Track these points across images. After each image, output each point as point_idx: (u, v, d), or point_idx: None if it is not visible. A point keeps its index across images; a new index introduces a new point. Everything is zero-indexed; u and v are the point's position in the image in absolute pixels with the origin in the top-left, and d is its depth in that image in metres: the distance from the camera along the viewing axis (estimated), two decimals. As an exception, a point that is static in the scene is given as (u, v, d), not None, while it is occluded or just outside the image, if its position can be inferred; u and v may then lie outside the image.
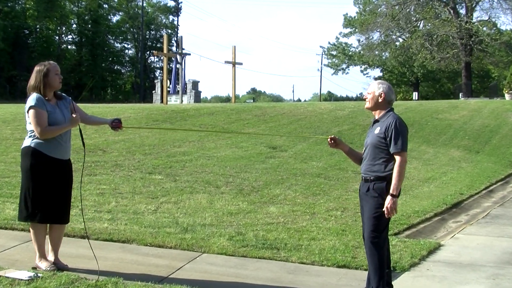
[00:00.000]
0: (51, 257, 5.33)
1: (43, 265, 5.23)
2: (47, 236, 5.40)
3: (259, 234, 6.92)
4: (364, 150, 4.96)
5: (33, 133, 5.19)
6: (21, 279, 4.82)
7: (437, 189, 11.46)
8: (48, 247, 5.37)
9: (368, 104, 4.94)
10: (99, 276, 5.04)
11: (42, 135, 5.13)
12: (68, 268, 5.24)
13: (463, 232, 8.20)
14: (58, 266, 5.25)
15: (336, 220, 7.95)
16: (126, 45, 72.73)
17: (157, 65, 74.38)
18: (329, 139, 5.11)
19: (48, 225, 5.34)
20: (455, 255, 6.75)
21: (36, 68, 5.26)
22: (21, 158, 5.30)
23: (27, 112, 5.21)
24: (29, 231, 6.41)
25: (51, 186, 5.16)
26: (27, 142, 5.23)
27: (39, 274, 4.96)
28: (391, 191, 4.64)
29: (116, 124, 5.48)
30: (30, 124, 5.19)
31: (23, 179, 5.25)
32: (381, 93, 4.86)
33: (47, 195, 5.15)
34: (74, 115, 5.26)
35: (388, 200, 4.63)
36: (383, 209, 4.70)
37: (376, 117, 4.90)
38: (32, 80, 5.25)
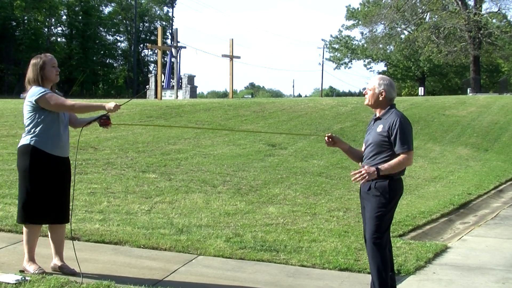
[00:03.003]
0: (57, 261, 5.21)
1: (31, 268, 5.10)
2: (40, 240, 5.30)
3: (257, 235, 6.81)
4: (365, 148, 4.83)
5: (31, 130, 5.05)
6: (8, 283, 4.70)
7: (444, 189, 11.40)
8: (51, 251, 5.24)
9: (367, 101, 4.83)
10: (85, 278, 4.94)
11: (73, 108, 5.06)
12: (76, 273, 5.09)
13: (471, 233, 8.11)
14: (65, 271, 5.13)
15: (338, 221, 7.86)
16: (118, 38, 72.85)
17: (151, 59, 74.57)
18: (326, 138, 4.95)
19: (45, 226, 5.26)
20: (463, 258, 6.65)
21: (32, 61, 5.19)
22: (19, 157, 5.15)
23: (35, 102, 5.01)
24: (16, 232, 6.35)
25: (52, 184, 5.07)
26: (26, 140, 5.08)
27: (27, 278, 4.83)
28: (380, 166, 4.50)
29: (104, 121, 5.21)
30: (28, 119, 5.06)
31: (21, 179, 5.11)
32: (382, 91, 4.74)
33: (48, 195, 5.05)
34: (112, 104, 5.07)
35: (371, 169, 4.47)
36: (382, 210, 4.59)
37: (378, 115, 4.78)
38: (30, 74, 5.16)
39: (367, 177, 4.48)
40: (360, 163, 4.89)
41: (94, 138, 13.21)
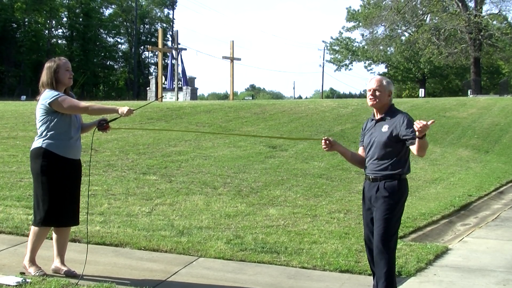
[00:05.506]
0: (58, 263, 5.22)
1: (31, 269, 5.11)
2: (43, 241, 5.28)
3: (258, 237, 6.78)
4: (369, 150, 4.74)
5: (44, 133, 5.07)
6: (9, 285, 4.71)
7: (445, 191, 11.34)
8: (54, 252, 5.27)
9: (377, 101, 4.69)
10: (86, 280, 4.94)
11: (87, 110, 5.09)
12: (77, 275, 5.11)
13: (472, 235, 8.08)
14: (68, 273, 5.14)
15: (338, 223, 7.82)
16: (119, 40, 72.83)
17: (152, 61, 74.52)
18: (323, 141, 4.86)
19: (53, 228, 5.26)
20: (464, 260, 6.62)
21: (46, 65, 5.22)
22: (32, 160, 5.17)
23: (49, 105, 5.02)
24: (17, 234, 6.33)
25: (66, 187, 5.10)
26: (38, 143, 5.10)
27: (27, 280, 4.83)
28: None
29: (102, 126, 5.20)
30: (41, 122, 5.08)
31: (35, 182, 5.13)
32: (390, 91, 4.74)
33: (63, 198, 5.07)
34: (125, 108, 5.04)
35: (426, 125, 4.26)
36: (391, 211, 4.54)
37: (379, 116, 4.71)
38: (44, 77, 5.19)
39: (421, 127, 4.28)
40: (364, 167, 4.80)
41: (95, 140, 13.05)
